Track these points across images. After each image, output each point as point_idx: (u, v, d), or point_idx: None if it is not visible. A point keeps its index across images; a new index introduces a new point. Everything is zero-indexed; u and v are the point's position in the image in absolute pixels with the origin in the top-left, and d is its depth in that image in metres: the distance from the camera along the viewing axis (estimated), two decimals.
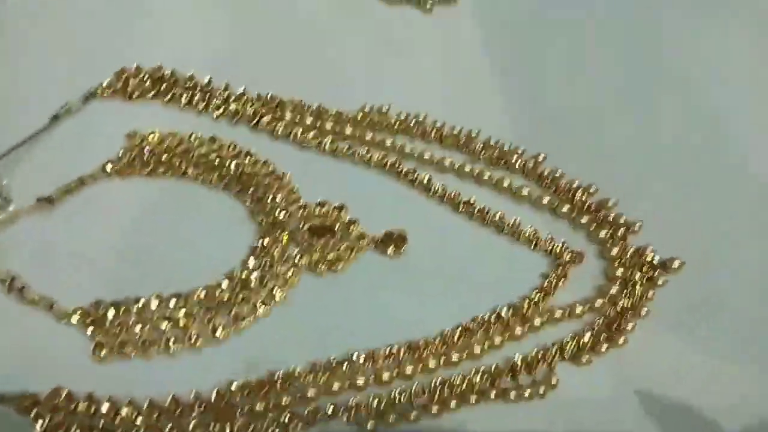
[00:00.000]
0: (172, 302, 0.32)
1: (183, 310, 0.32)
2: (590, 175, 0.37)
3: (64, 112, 0.36)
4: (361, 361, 0.32)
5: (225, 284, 0.33)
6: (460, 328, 0.33)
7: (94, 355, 0.31)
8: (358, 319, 0.33)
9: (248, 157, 0.37)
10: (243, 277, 0.33)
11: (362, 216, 0.36)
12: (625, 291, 0.35)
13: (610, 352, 0.34)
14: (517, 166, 0.37)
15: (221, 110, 0.37)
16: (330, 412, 0.30)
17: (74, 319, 0.31)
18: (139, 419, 0.30)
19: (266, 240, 0.34)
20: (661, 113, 0.41)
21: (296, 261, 0.34)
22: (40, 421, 0.29)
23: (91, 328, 0.31)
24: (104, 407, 0.30)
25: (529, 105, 0.40)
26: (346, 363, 0.32)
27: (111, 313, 0.32)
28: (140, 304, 0.32)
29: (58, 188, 0.34)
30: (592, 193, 0.37)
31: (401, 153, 0.37)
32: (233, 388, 0.31)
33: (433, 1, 0.42)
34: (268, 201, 0.35)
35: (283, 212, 0.35)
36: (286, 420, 0.30)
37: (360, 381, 0.31)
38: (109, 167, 0.35)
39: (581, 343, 0.33)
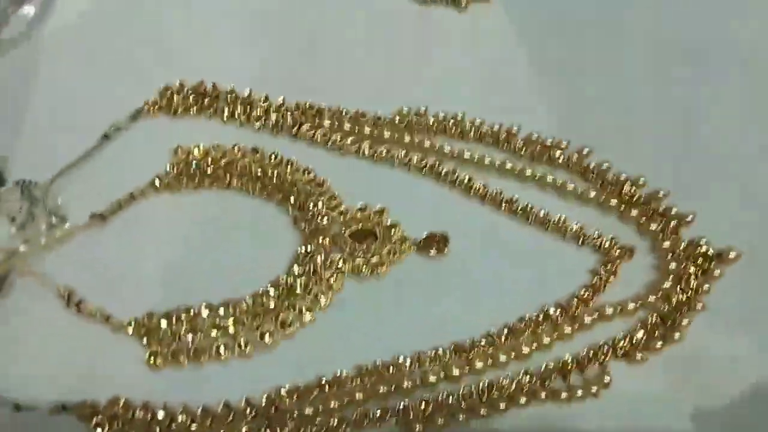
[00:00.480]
0: (221, 310, 0.33)
1: (232, 318, 0.33)
2: (638, 167, 0.36)
3: (113, 130, 0.38)
4: (408, 364, 0.32)
5: (271, 291, 0.34)
6: (507, 329, 0.32)
7: (149, 364, 0.32)
8: (402, 321, 0.33)
9: (289, 165, 0.37)
10: (288, 283, 0.34)
11: (403, 219, 0.35)
12: (679, 285, 0.34)
13: (664, 349, 0.32)
14: (560, 161, 0.36)
15: (262, 121, 0.38)
16: (378, 415, 0.30)
17: (129, 330, 0.33)
18: (194, 426, 0.30)
19: (309, 246, 0.35)
20: (709, 100, 0.39)
21: (339, 266, 0.34)
22: (100, 429, 0.30)
23: (145, 339, 0.32)
24: (160, 414, 0.31)
25: (569, 98, 0.39)
26: (392, 366, 0.32)
27: (164, 323, 0.33)
28: (191, 314, 0.33)
29: (110, 205, 0.36)
30: (640, 185, 0.36)
31: (440, 154, 0.37)
32: (283, 393, 0.31)
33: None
34: (310, 208, 0.36)
35: (325, 218, 0.35)
36: (335, 424, 0.30)
37: (407, 384, 0.31)
38: (157, 182, 0.36)
39: (634, 340, 0.32)
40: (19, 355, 0.32)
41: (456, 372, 0.31)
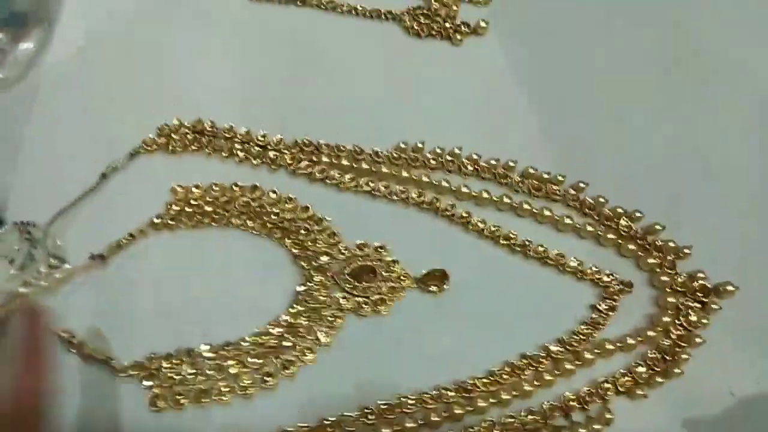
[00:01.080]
0: (223, 351, 0.33)
1: (233, 360, 0.33)
2: (634, 201, 0.36)
3: (111, 170, 0.38)
4: (410, 403, 0.32)
5: (272, 330, 0.34)
6: (509, 367, 0.33)
7: (151, 407, 0.32)
8: (404, 358, 0.34)
9: (288, 202, 0.37)
10: (289, 322, 0.34)
11: (403, 255, 0.36)
12: (677, 319, 0.34)
13: (666, 384, 0.33)
14: (557, 195, 0.37)
15: (260, 158, 0.38)
16: None
17: (131, 372, 0.32)
18: None
19: (310, 284, 0.35)
20: (704, 134, 0.40)
21: (341, 304, 0.35)
22: None
23: (146, 381, 0.32)
24: None
25: (565, 132, 0.39)
26: (396, 406, 0.32)
27: (165, 364, 0.33)
28: (192, 355, 0.33)
29: (109, 245, 0.36)
30: (637, 218, 0.36)
31: (439, 189, 0.37)
32: None
33: (462, 33, 0.42)
34: (310, 245, 0.36)
35: (325, 256, 0.35)
36: None
37: (410, 424, 0.31)
38: (156, 221, 0.36)
39: (636, 376, 0.33)
40: None
41: (459, 411, 0.31)
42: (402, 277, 0.35)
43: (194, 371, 0.33)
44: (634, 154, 0.39)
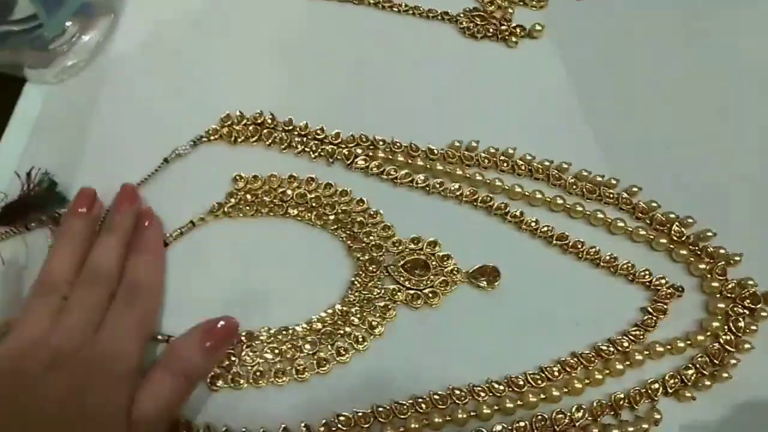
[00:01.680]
0: (280, 336, 0.34)
1: (289, 344, 0.34)
2: (687, 207, 0.37)
3: (174, 156, 0.39)
4: (461, 394, 0.33)
5: (327, 319, 0.35)
6: (560, 364, 0.33)
7: (211, 387, 0.33)
8: (455, 352, 0.34)
9: (344, 195, 0.38)
10: (343, 310, 0.35)
11: (455, 251, 0.36)
12: (727, 325, 0.34)
13: (714, 388, 0.33)
14: (610, 199, 0.37)
15: (318, 152, 0.39)
16: None
17: None
18: None
19: (364, 275, 0.36)
20: (760, 142, 0.40)
21: (393, 296, 0.35)
22: None
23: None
24: None
25: (619, 136, 0.40)
26: (447, 397, 0.32)
27: None
28: (251, 338, 0.34)
29: (171, 231, 0.37)
30: (689, 224, 0.36)
31: (491, 188, 0.38)
32: (339, 420, 0.32)
33: (517, 36, 0.43)
34: (364, 237, 0.37)
35: (379, 248, 0.36)
36: None
37: (462, 415, 0.32)
38: (217, 209, 0.37)
39: (684, 378, 0.33)
40: None
41: (510, 405, 0.32)
42: (454, 272, 0.36)
43: (252, 354, 0.34)
44: (688, 159, 0.39)
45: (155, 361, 0.32)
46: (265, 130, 0.40)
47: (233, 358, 0.34)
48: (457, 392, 0.32)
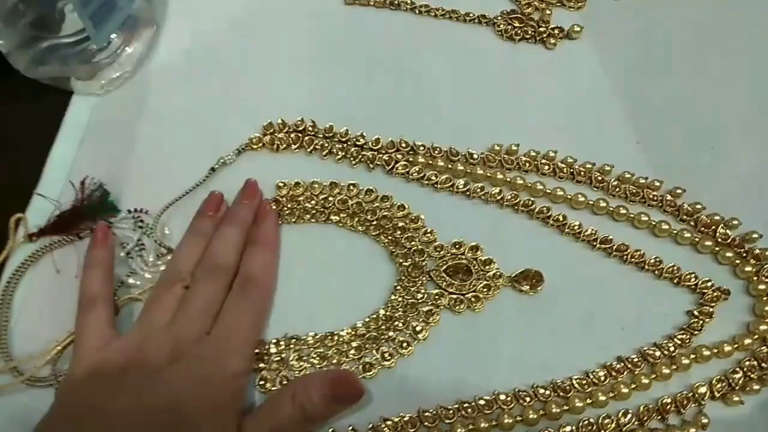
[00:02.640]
0: (326, 340, 0.35)
1: (335, 348, 0.35)
2: (732, 208, 0.36)
3: (220, 164, 0.40)
4: (507, 399, 0.33)
5: (371, 324, 0.35)
6: (606, 368, 0.33)
7: (260, 388, 0.34)
8: (498, 357, 0.34)
9: (385, 201, 0.39)
10: (387, 316, 0.35)
11: (497, 256, 0.37)
12: None
13: (762, 392, 0.33)
14: (654, 201, 0.37)
15: (358, 158, 0.40)
16: None
17: None
18: None
19: (407, 280, 0.36)
20: None
21: (436, 301, 0.36)
22: None
23: (257, 364, 0.34)
24: None
25: (661, 137, 0.40)
26: (493, 402, 0.33)
27: (273, 348, 0.35)
28: (297, 342, 0.35)
29: None
30: (734, 226, 0.36)
31: (533, 191, 0.38)
32: (386, 424, 0.32)
33: (555, 37, 0.43)
34: (406, 243, 0.37)
35: (421, 253, 0.37)
36: None
37: (508, 420, 0.32)
38: None
39: (732, 382, 0.33)
40: None
41: (556, 410, 0.32)
42: (496, 276, 0.36)
43: (299, 358, 0.35)
44: (732, 159, 0.39)
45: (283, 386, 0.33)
46: (306, 138, 0.40)
47: (282, 362, 0.34)
48: (503, 397, 0.33)
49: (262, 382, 0.34)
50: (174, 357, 0.31)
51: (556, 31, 0.43)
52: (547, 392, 0.33)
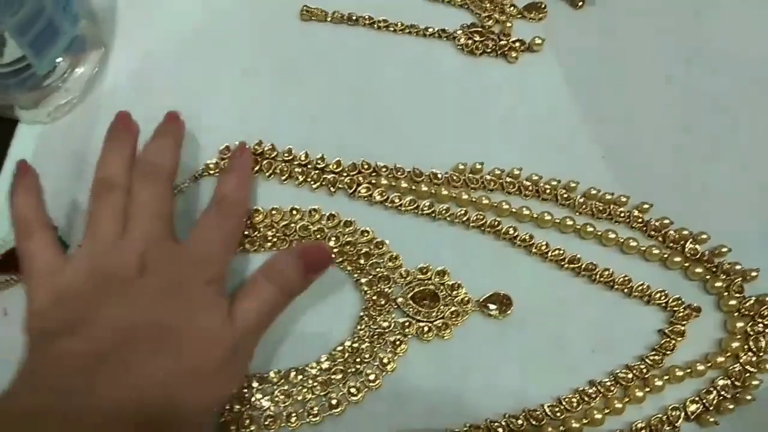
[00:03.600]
0: (290, 377, 0.33)
1: (300, 385, 0.33)
2: (700, 222, 0.36)
3: (176, 192, 0.38)
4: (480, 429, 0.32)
5: (338, 356, 0.34)
6: (579, 393, 0.32)
7: None
8: (469, 384, 0.34)
9: (348, 226, 0.37)
10: (353, 348, 0.34)
11: (464, 279, 0.36)
12: (747, 344, 0.33)
13: (737, 411, 0.32)
14: (621, 217, 0.36)
15: (319, 181, 0.38)
16: None
17: None
18: None
19: (372, 309, 0.35)
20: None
21: (404, 329, 0.35)
22: None
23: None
24: None
25: (627, 150, 0.39)
26: None
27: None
28: (261, 381, 0.33)
29: None
30: (703, 240, 0.36)
31: (499, 211, 0.37)
32: None
33: (517, 51, 0.42)
34: (370, 269, 0.36)
35: (386, 280, 0.36)
36: None
37: None
38: None
39: (706, 402, 0.32)
40: None
41: None
42: (464, 301, 0.35)
43: (262, 397, 0.33)
44: (698, 171, 0.38)
45: (250, 274, 0.32)
46: (264, 162, 0.39)
47: (245, 403, 0.33)
48: (474, 430, 0.32)
49: (226, 426, 0.32)
50: (141, 267, 0.29)
51: (518, 44, 0.42)
52: (519, 422, 0.32)
